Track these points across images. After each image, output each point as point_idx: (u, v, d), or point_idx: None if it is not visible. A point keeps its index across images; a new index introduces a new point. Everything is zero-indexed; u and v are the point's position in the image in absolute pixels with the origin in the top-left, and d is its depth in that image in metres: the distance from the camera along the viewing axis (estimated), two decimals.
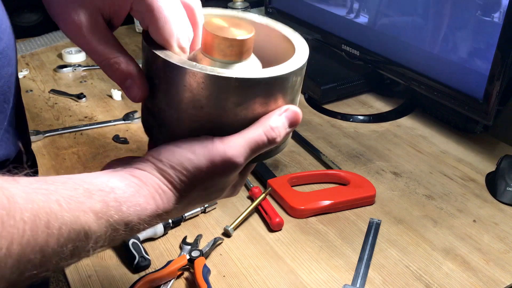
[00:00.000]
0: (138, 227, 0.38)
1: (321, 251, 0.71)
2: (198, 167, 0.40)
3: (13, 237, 0.30)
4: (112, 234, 0.36)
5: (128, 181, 0.39)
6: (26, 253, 0.31)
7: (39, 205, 0.32)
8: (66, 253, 0.34)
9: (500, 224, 0.76)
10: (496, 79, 0.80)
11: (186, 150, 0.40)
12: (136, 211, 0.38)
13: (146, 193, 0.39)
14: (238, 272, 0.67)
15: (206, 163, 0.40)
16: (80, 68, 1.24)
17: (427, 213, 0.78)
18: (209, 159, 0.40)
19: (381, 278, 0.66)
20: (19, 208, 0.31)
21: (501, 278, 0.66)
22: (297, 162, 0.90)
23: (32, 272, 0.32)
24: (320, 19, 1.17)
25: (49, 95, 1.13)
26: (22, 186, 0.32)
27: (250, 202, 0.79)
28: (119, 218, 0.37)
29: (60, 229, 0.33)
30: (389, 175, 0.87)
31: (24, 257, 0.31)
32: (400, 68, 0.98)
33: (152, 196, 0.39)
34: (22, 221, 0.31)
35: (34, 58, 1.31)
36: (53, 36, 1.44)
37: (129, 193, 0.38)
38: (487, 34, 0.80)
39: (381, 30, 1.00)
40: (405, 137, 0.98)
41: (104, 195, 0.36)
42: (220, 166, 0.40)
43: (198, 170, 0.40)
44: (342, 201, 0.78)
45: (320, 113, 1.07)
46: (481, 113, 0.84)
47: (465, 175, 0.87)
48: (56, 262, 0.33)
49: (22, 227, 0.31)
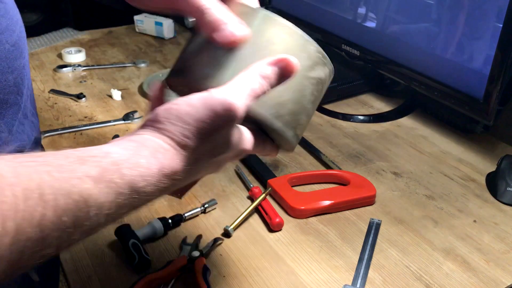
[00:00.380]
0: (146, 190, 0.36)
1: (321, 251, 0.70)
2: (199, 119, 0.38)
3: (6, 214, 0.29)
4: (117, 200, 0.34)
5: (124, 145, 0.37)
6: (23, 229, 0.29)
7: (29, 178, 0.30)
8: (67, 225, 0.32)
9: (501, 224, 0.76)
10: (496, 79, 0.80)
11: (184, 105, 0.39)
12: (139, 172, 0.35)
13: (146, 153, 0.37)
14: (238, 272, 0.67)
15: (207, 113, 0.38)
16: (80, 68, 1.24)
17: (427, 213, 0.78)
18: (210, 108, 0.38)
19: (381, 278, 0.66)
20: (8, 183, 0.30)
21: (501, 278, 0.66)
22: (297, 162, 0.90)
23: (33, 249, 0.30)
24: (320, 19, 1.16)
25: (48, 95, 1.13)
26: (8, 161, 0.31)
27: (250, 202, 0.79)
28: (121, 181, 0.34)
29: (56, 200, 0.31)
30: (389, 175, 0.87)
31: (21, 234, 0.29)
32: (401, 68, 0.98)
33: (153, 155, 0.37)
34: (13, 196, 0.29)
35: (34, 58, 1.31)
36: (53, 36, 1.44)
37: (127, 155, 0.36)
38: (487, 34, 0.80)
39: (382, 30, 1.00)
40: (405, 137, 0.98)
41: (98, 160, 0.34)
42: (222, 114, 0.39)
43: (199, 121, 0.38)
44: (342, 201, 0.78)
45: (320, 113, 1.07)
46: (482, 113, 0.84)
47: (466, 175, 0.87)
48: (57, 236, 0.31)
49: (14, 202, 0.29)
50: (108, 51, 1.36)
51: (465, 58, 0.85)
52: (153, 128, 0.39)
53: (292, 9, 1.25)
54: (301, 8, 1.22)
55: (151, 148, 0.37)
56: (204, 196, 0.80)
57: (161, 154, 0.37)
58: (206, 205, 0.77)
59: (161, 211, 0.77)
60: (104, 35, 1.48)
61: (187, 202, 0.79)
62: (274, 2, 1.31)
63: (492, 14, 0.78)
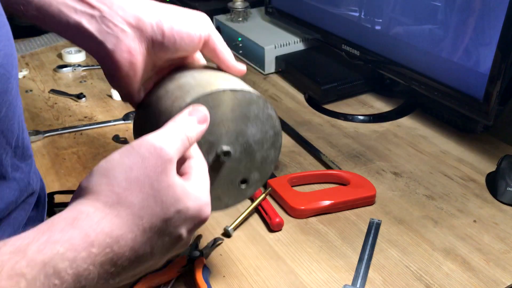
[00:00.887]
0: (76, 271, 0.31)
1: (321, 251, 0.70)
2: (125, 168, 0.36)
3: None
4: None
5: (36, 228, 0.33)
6: None
7: None
8: None
9: (501, 224, 0.76)
10: (496, 79, 0.80)
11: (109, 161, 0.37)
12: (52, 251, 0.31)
13: (62, 226, 0.33)
14: (238, 272, 0.67)
15: (133, 160, 0.36)
16: (80, 68, 1.24)
17: (427, 213, 0.78)
18: (136, 155, 0.37)
19: (381, 278, 0.66)
20: None
21: (501, 278, 0.66)
22: (297, 162, 0.90)
23: None
24: (320, 19, 1.16)
25: (48, 95, 1.13)
26: None
27: (250, 202, 0.79)
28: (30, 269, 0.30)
29: None
30: (389, 175, 0.87)
31: None
32: (400, 68, 0.98)
33: (71, 224, 0.33)
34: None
35: (34, 58, 1.31)
36: (53, 36, 1.44)
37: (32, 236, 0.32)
38: (487, 33, 0.80)
39: (382, 30, 1.00)
40: (405, 137, 0.98)
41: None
42: (149, 157, 0.37)
43: (127, 171, 0.36)
44: (342, 201, 0.78)
45: (320, 113, 1.07)
46: (482, 113, 0.84)
47: (466, 175, 0.87)
48: None
49: None
50: None
51: (465, 58, 0.85)
52: (79, 199, 0.35)
53: (292, 9, 1.25)
54: (301, 8, 1.22)
55: (68, 219, 0.33)
56: None
57: (82, 221, 0.33)
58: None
59: None
60: None
61: None
62: (274, 2, 1.31)
63: (492, 14, 0.78)
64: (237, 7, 1.35)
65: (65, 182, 0.84)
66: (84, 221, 0.33)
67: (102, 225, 0.33)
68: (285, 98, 1.13)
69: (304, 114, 1.07)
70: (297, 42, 1.24)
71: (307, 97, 1.12)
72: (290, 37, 1.25)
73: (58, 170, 0.87)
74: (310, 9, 1.19)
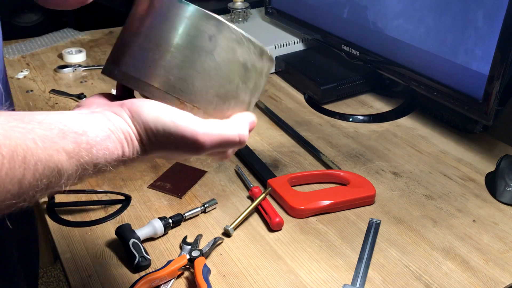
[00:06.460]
0: (105, 168, 0.41)
1: (321, 251, 0.71)
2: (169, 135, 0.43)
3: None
4: (81, 173, 0.40)
5: (102, 125, 0.41)
6: (5, 183, 0.34)
7: (16, 142, 0.35)
8: (41, 186, 0.37)
9: (500, 224, 0.76)
10: (495, 79, 0.80)
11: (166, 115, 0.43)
12: (104, 154, 0.41)
13: (115, 139, 0.41)
14: (238, 271, 0.67)
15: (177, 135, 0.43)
16: (81, 68, 1.24)
17: (426, 213, 0.78)
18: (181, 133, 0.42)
19: (381, 278, 0.66)
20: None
21: (500, 278, 0.66)
22: (297, 162, 0.90)
23: (11, 201, 0.36)
24: (320, 19, 1.17)
25: (49, 95, 1.13)
26: (1, 123, 0.35)
27: (250, 202, 0.79)
28: (89, 159, 0.39)
29: (36, 165, 0.36)
30: (388, 175, 0.87)
31: (3, 187, 0.34)
32: (400, 68, 0.98)
33: (121, 142, 0.42)
34: (0, 155, 0.34)
35: (35, 58, 1.31)
36: (53, 36, 1.44)
37: (100, 137, 0.40)
38: (487, 34, 0.80)
39: (381, 30, 1.01)
40: (405, 137, 0.98)
41: (76, 136, 0.39)
42: (188, 143, 0.43)
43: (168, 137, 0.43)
44: (342, 201, 0.78)
45: (320, 113, 1.07)
46: (481, 113, 0.84)
47: (465, 175, 0.87)
48: (32, 194, 0.37)
49: (1, 160, 0.34)
50: (108, 51, 1.36)
51: (464, 58, 0.85)
52: (131, 117, 0.43)
53: (292, 9, 1.25)
54: (301, 9, 1.22)
55: (121, 134, 0.42)
56: (204, 196, 0.81)
57: (126, 144, 0.42)
58: (206, 205, 0.77)
59: (162, 211, 0.77)
60: (105, 35, 1.48)
61: (187, 201, 0.79)
62: (273, 2, 1.31)
63: (491, 15, 0.78)
64: (237, 7, 1.35)
65: None
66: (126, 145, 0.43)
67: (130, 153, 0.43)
68: (285, 98, 1.13)
69: (304, 114, 1.07)
70: (297, 42, 1.25)
71: (307, 97, 1.12)
72: (290, 37, 1.25)
73: None
74: (310, 10, 1.19)
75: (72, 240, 0.72)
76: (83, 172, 0.40)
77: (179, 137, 0.43)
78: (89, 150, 0.39)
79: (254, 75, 0.48)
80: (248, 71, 0.47)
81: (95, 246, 0.71)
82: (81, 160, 0.39)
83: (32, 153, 0.36)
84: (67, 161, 0.38)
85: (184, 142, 0.43)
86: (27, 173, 0.36)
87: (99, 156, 0.40)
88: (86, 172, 0.40)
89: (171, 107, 0.44)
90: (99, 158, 0.40)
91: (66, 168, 0.38)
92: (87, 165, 0.39)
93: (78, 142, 0.39)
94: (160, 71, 0.44)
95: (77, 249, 0.70)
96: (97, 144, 0.40)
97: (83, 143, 0.39)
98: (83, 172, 0.40)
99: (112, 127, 0.42)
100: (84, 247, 0.71)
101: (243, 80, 0.47)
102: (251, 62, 0.47)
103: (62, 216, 0.77)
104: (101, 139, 0.40)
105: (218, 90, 0.45)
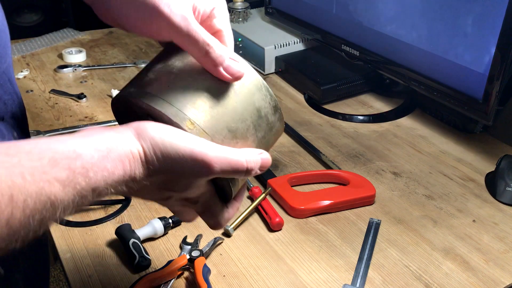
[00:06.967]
0: (106, 192, 0.38)
1: (321, 251, 0.71)
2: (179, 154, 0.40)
3: None
4: (79, 201, 0.36)
5: (98, 144, 0.38)
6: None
7: (1, 179, 0.32)
8: (33, 224, 0.34)
9: (500, 224, 0.76)
10: (495, 79, 0.80)
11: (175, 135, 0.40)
12: (103, 176, 0.37)
13: (115, 156, 0.38)
14: (238, 272, 0.67)
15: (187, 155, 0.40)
16: (81, 68, 1.24)
17: (426, 213, 0.78)
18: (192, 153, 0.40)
19: (381, 278, 0.66)
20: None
21: (500, 278, 0.66)
22: (297, 162, 0.90)
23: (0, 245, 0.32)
24: (320, 19, 1.17)
25: (49, 95, 1.13)
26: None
27: (250, 202, 0.79)
28: (86, 184, 0.36)
29: (25, 201, 0.33)
30: (389, 175, 0.87)
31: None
32: (400, 68, 0.98)
33: (121, 159, 0.38)
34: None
35: (35, 58, 1.31)
36: (53, 36, 1.44)
37: (96, 157, 0.37)
38: (486, 34, 0.80)
39: (381, 30, 1.01)
40: (405, 137, 0.98)
41: (70, 162, 0.36)
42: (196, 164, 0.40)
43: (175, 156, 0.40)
44: (342, 201, 0.78)
45: (320, 113, 1.07)
46: (481, 113, 0.84)
47: (465, 175, 0.87)
48: (24, 234, 0.34)
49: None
50: (108, 52, 1.36)
51: (464, 58, 0.85)
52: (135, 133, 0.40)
53: (292, 9, 1.25)
54: (301, 8, 1.22)
55: (121, 151, 0.39)
56: None
57: (127, 161, 0.39)
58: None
59: (162, 211, 0.77)
60: (105, 35, 1.48)
61: None
62: (273, 2, 1.31)
63: (491, 15, 0.78)
64: (237, 7, 1.35)
65: None
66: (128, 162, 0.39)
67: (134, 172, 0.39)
68: (285, 98, 1.13)
69: (304, 114, 1.07)
70: (297, 42, 1.25)
71: (307, 97, 1.12)
72: (290, 37, 1.25)
73: None
74: (310, 9, 1.19)
75: (72, 240, 0.72)
76: (81, 200, 0.36)
77: (188, 156, 0.40)
78: (85, 175, 0.36)
79: (265, 125, 0.48)
80: (261, 118, 0.47)
81: (95, 246, 0.71)
82: (77, 187, 0.36)
83: (20, 189, 0.32)
84: (61, 191, 0.35)
85: (192, 162, 0.40)
86: (16, 212, 0.32)
87: (98, 179, 0.37)
88: (85, 199, 0.37)
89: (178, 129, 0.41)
90: (98, 182, 0.37)
91: (61, 199, 0.35)
92: (84, 191, 0.36)
93: (72, 168, 0.35)
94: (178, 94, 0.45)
95: (77, 249, 0.70)
96: (94, 165, 0.36)
97: (77, 168, 0.36)
98: (81, 200, 0.36)
99: (110, 145, 0.38)
100: (84, 247, 0.71)
101: (254, 125, 0.47)
102: (264, 110, 0.48)
103: None
104: (98, 159, 0.37)
105: (229, 124, 0.45)
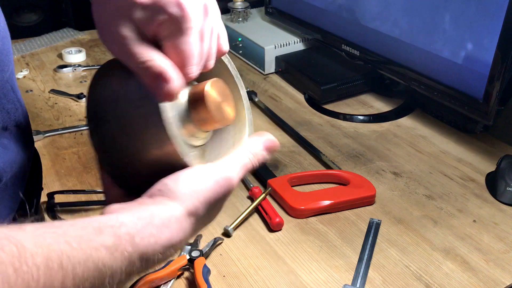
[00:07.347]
0: (154, 258, 0.38)
1: (321, 251, 0.71)
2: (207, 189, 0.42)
3: (29, 284, 0.30)
4: (128, 268, 0.36)
5: (138, 214, 0.38)
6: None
7: (49, 248, 0.32)
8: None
9: (500, 224, 0.76)
10: (496, 79, 0.80)
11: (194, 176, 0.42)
12: (149, 242, 0.37)
13: (158, 223, 0.38)
14: (238, 272, 0.67)
15: (212, 184, 0.42)
16: (80, 68, 1.24)
17: (427, 213, 0.78)
18: (214, 180, 0.42)
19: (381, 278, 0.66)
20: (30, 253, 0.31)
21: (501, 278, 0.66)
22: (297, 162, 0.90)
23: None
24: (320, 19, 1.17)
25: (49, 95, 1.13)
26: (29, 232, 0.33)
27: (250, 202, 0.79)
28: (133, 250, 0.36)
29: (74, 269, 0.33)
30: (389, 175, 0.87)
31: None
32: (400, 68, 0.98)
33: (165, 225, 0.39)
34: (35, 266, 0.31)
35: (34, 58, 1.31)
36: (53, 36, 1.44)
37: (140, 225, 0.37)
38: (487, 34, 0.80)
39: (381, 30, 1.00)
40: (405, 137, 0.98)
41: (114, 230, 0.36)
42: (222, 185, 0.42)
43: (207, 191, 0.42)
44: (342, 201, 0.78)
45: (320, 113, 1.07)
46: (481, 113, 0.84)
47: (465, 175, 0.87)
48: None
49: (36, 272, 0.31)
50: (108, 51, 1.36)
51: (465, 58, 0.85)
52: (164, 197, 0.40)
53: (292, 9, 1.25)
54: (301, 8, 1.22)
55: (164, 218, 0.39)
56: None
57: (173, 224, 0.39)
58: None
59: None
60: None
61: None
62: (273, 2, 1.31)
63: (491, 15, 0.78)
64: (237, 7, 1.35)
65: (65, 182, 0.84)
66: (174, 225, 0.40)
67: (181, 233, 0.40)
68: (285, 98, 1.13)
69: (304, 114, 1.07)
70: (297, 42, 1.24)
71: (307, 97, 1.12)
72: (290, 37, 1.25)
73: (58, 170, 0.87)
74: (310, 9, 1.19)
75: None
76: (130, 268, 0.36)
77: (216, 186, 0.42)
78: (131, 241, 0.36)
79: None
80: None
81: None
82: (124, 253, 0.36)
83: (68, 256, 0.33)
84: (108, 258, 0.35)
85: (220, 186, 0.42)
86: (66, 280, 0.32)
87: (145, 245, 0.37)
88: (134, 266, 0.37)
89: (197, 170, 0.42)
90: (146, 247, 0.37)
91: (110, 266, 0.35)
92: (132, 258, 0.36)
93: (118, 234, 0.36)
94: None
95: None
96: (139, 232, 0.37)
97: (123, 235, 0.36)
98: (130, 267, 0.36)
99: (150, 213, 0.39)
100: None
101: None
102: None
103: (62, 216, 0.76)
104: (142, 226, 0.37)
105: None
